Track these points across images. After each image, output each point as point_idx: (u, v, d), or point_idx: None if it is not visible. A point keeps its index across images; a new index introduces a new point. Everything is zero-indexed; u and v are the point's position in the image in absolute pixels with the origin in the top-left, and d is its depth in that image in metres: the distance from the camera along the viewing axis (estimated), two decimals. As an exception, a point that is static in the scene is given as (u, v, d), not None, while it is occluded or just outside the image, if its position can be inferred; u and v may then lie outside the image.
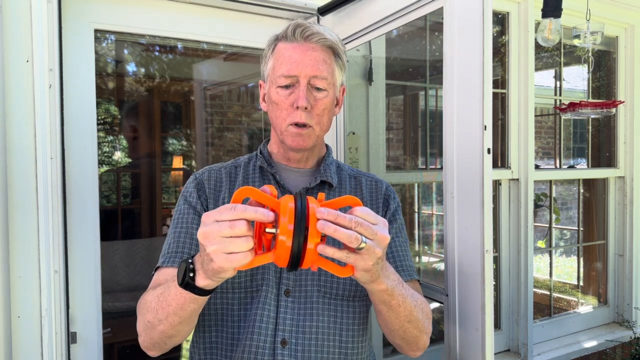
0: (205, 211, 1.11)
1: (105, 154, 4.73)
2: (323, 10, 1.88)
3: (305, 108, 1.07)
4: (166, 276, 1.06)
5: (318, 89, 1.09)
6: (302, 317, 1.09)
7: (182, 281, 0.87)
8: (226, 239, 0.75)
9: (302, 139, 1.10)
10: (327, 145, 1.26)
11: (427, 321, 1.09)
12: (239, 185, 1.17)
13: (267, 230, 0.77)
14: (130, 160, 4.81)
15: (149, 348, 1.04)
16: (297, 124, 1.09)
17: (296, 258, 0.74)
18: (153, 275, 1.11)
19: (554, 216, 2.93)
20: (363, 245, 0.78)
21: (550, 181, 2.92)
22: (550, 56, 3.34)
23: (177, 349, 3.43)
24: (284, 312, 1.08)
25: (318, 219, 0.75)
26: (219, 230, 0.74)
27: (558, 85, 2.97)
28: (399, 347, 1.12)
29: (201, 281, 0.85)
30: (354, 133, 2.10)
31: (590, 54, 2.29)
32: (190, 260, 0.86)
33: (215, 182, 1.17)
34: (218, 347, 1.11)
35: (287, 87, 1.09)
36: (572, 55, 3.14)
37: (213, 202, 1.15)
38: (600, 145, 3.08)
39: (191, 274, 0.85)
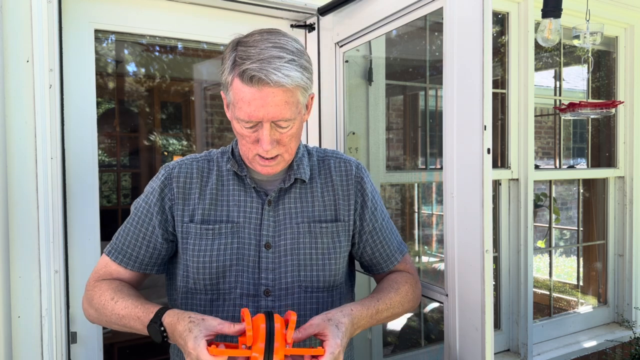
0: (164, 214, 1.14)
1: (106, 154, 4.72)
2: (323, 11, 1.88)
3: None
4: (112, 270, 1.16)
5: (282, 127, 1.04)
6: (283, 315, 1.09)
7: (160, 341, 1.01)
8: None
9: (271, 169, 1.10)
10: None
11: (408, 303, 1.19)
12: (212, 185, 1.15)
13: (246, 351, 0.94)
14: (130, 160, 4.81)
15: (92, 322, 1.16)
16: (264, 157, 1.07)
17: None
18: (102, 253, 1.19)
19: (553, 216, 2.93)
20: None
21: (550, 181, 2.92)
22: (550, 56, 3.34)
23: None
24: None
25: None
26: None
27: (558, 85, 2.97)
28: None
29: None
30: (354, 133, 2.10)
31: (590, 54, 2.29)
32: (163, 328, 1.00)
33: (185, 179, 1.15)
34: None
35: (250, 127, 1.04)
36: (572, 55, 3.14)
37: (181, 202, 1.14)
38: (600, 145, 3.08)
39: (165, 334, 1.00)
